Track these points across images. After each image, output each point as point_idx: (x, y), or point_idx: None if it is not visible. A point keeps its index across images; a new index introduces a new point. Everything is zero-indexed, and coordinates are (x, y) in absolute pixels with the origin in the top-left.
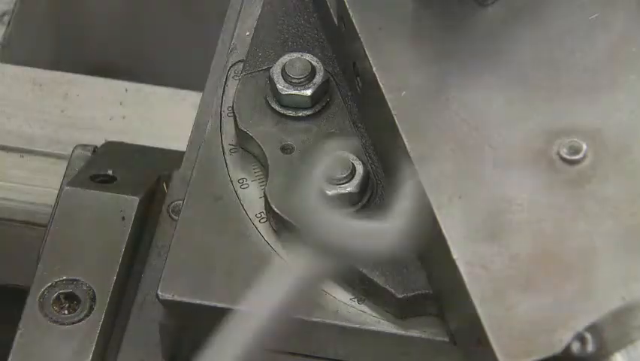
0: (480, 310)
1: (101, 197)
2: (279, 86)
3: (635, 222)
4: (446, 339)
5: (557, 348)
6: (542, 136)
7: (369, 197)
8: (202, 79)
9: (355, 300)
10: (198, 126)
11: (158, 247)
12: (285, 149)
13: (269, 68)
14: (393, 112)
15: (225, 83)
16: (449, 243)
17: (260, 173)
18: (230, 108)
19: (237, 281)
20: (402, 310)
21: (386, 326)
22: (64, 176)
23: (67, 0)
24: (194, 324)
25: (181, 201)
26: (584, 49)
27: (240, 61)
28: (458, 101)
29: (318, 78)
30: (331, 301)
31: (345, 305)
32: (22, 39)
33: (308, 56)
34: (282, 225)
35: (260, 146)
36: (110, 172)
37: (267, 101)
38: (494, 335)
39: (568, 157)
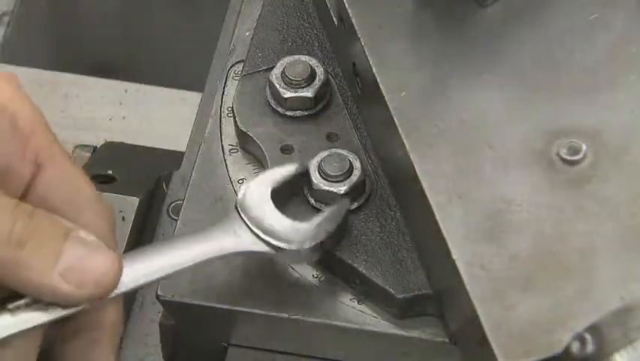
0: (480, 311)
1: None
2: (280, 90)
3: (634, 222)
4: (446, 339)
5: (557, 348)
6: (542, 136)
7: (369, 195)
8: (202, 79)
9: (355, 300)
10: (198, 126)
11: None
12: (285, 149)
13: (269, 69)
14: (392, 112)
15: (225, 83)
16: (449, 243)
17: (260, 173)
18: (230, 109)
19: (236, 282)
20: (401, 310)
21: (386, 327)
22: None
23: (67, 0)
24: (194, 324)
25: (181, 201)
26: (584, 49)
27: (239, 61)
28: (458, 101)
29: (318, 79)
30: (331, 302)
31: (345, 305)
32: (22, 39)
33: (306, 58)
34: None
35: (260, 146)
36: (109, 172)
37: (266, 102)
38: (494, 335)
39: (567, 157)
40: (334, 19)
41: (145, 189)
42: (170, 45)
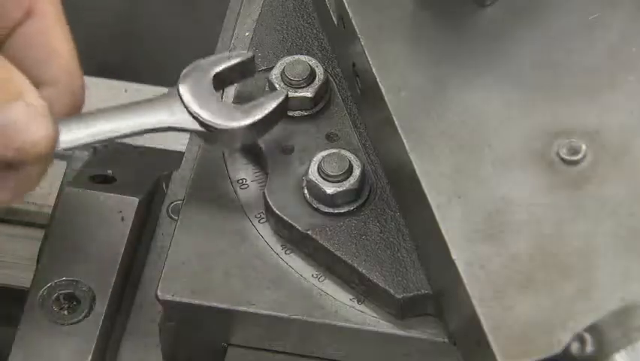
0: (479, 311)
1: (101, 197)
2: (279, 90)
3: (634, 222)
4: (446, 339)
5: (556, 349)
6: (542, 137)
7: (368, 195)
8: None
9: (355, 300)
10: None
11: (157, 247)
12: (285, 149)
13: (268, 69)
14: (392, 112)
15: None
16: (448, 243)
17: (259, 173)
18: None
19: (236, 282)
20: (401, 310)
21: (386, 327)
22: (64, 176)
23: (67, 0)
24: (194, 324)
25: (181, 202)
26: (584, 49)
27: None
28: (458, 101)
29: (318, 79)
30: (331, 302)
31: (345, 306)
32: None
33: (305, 58)
34: (281, 225)
35: (259, 146)
36: (109, 172)
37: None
38: (493, 336)
39: (567, 158)
40: (334, 19)
41: (145, 189)
42: (170, 45)
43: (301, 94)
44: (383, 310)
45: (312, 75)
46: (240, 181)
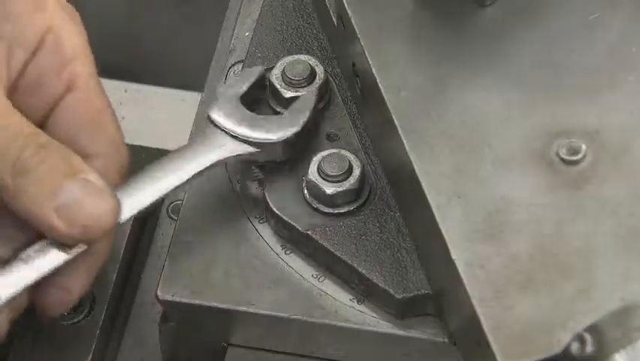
0: (479, 311)
1: None
2: (280, 90)
3: (634, 222)
4: (446, 339)
5: (556, 349)
6: (541, 137)
7: (368, 196)
8: (202, 79)
9: (355, 301)
10: (198, 126)
11: (157, 247)
12: None
13: (268, 69)
14: (392, 112)
15: (225, 83)
16: (448, 243)
17: (259, 174)
18: None
19: (236, 282)
20: (401, 310)
21: (385, 327)
22: None
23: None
24: (194, 324)
25: (181, 202)
26: (584, 49)
27: (239, 61)
28: (458, 101)
29: (318, 79)
30: (331, 302)
31: (345, 306)
32: None
33: (305, 57)
34: (280, 225)
35: None
36: None
37: (266, 102)
38: (493, 336)
39: (567, 158)
40: (334, 20)
41: None
42: (170, 45)
43: (302, 94)
44: (383, 311)
45: (313, 75)
46: (240, 181)
